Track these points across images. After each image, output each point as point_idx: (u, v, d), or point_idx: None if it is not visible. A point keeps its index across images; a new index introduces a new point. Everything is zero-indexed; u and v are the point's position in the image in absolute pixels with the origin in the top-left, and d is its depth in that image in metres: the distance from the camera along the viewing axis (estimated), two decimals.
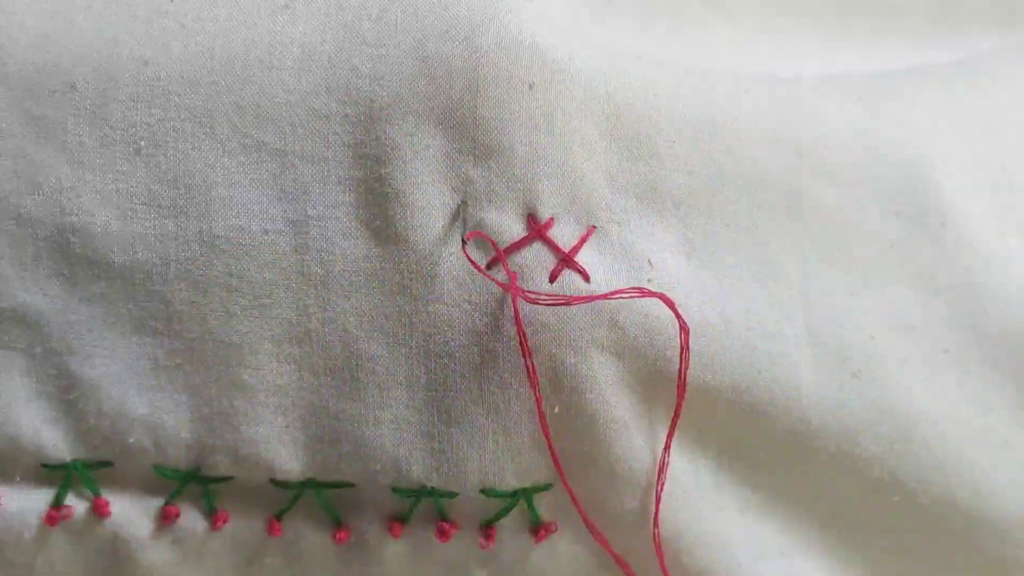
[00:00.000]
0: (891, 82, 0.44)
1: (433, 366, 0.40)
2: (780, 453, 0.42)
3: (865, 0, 0.49)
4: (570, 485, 0.40)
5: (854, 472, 0.42)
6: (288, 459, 0.41)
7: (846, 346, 0.41)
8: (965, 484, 0.42)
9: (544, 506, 0.42)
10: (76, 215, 0.40)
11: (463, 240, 0.39)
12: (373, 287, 0.40)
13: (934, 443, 0.42)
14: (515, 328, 0.39)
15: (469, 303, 0.40)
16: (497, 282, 0.39)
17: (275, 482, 0.41)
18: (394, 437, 0.40)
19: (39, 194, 0.40)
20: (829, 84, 0.43)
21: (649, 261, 0.40)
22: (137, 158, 0.40)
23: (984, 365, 0.42)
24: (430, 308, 0.40)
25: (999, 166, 0.44)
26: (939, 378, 0.42)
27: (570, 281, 0.40)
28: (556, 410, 0.40)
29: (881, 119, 0.43)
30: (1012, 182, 0.44)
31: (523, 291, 0.39)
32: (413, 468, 0.41)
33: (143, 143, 0.40)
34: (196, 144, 0.40)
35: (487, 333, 0.40)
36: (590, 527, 0.41)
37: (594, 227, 0.40)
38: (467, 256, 0.39)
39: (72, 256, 0.40)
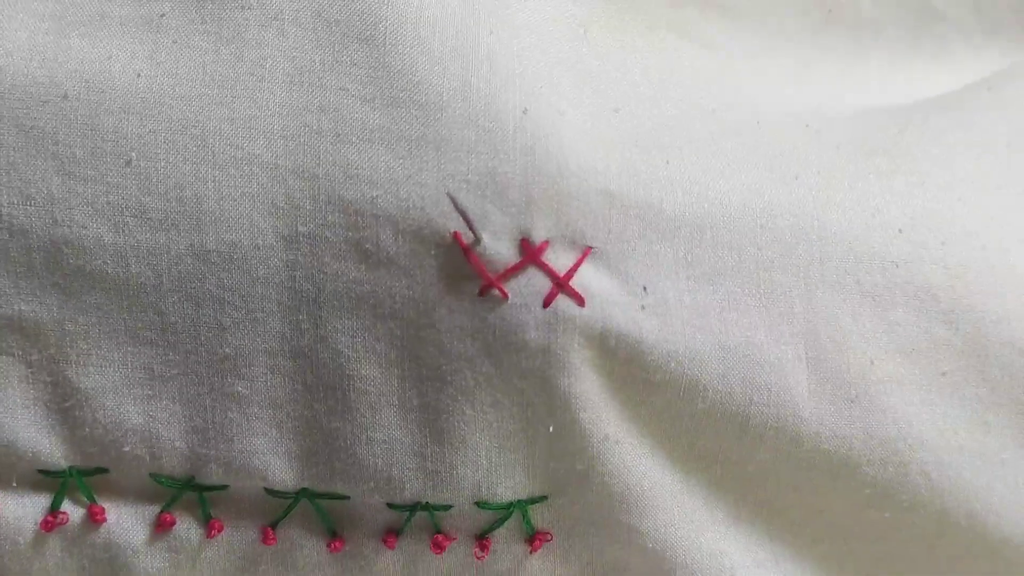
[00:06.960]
0: (886, 139, 0.43)
1: (426, 390, 0.40)
2: (771, 472, 0.42)
3: (841, 17, 0.48)
4: (566, 503, 0.41)
5: (847, 491, 0.42)
6: (282, 471, 0.41)
7: (845, 371, 0.41)
8: (960, 505, 0.42)
9: (539, 518, 0.42)
10: (68, 227, 0.40)
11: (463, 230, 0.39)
12: (364, 310, 0.39)
13: (930, 468, 0.42)
14: (510, 350, 0.39)
15: (461, 329, 0.39)
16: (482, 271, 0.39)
17: (270, 491, 0.42)
18: (386, 457, 0.40)
19: (31, 205, 0.40)
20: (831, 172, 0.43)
21: (644, 288, 0.40)
22: (128, 170, 0.40)
23: (981, 386, 0.42)
24: (421, 334, 0.39)
25: (994, 187, 0.43)
26: (937, 401, 0.42)
27: (565, 307, 0.39)
28: (551, 429, 0.40)
29: (882, 184, 0.42)
30: (1008, 199, 0.43)
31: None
32: (406, 486, 0.41)
33: (134, 155, 0.39)
34: (187, 156, 0.39)
35: (480, 358, 0.39)
36: None
37: (591, 248, 0.39)
38: (460, 240, 0.39)
39: (66, 267, 0.40)
